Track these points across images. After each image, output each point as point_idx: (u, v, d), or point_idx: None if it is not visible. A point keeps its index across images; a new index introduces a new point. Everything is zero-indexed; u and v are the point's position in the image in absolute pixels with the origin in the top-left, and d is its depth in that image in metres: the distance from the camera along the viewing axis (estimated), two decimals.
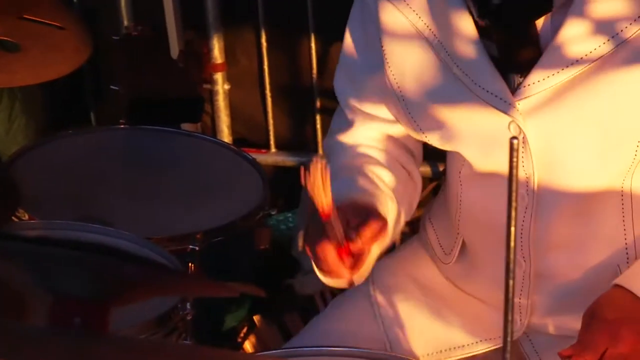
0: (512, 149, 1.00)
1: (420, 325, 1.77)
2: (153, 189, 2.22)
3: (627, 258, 1.59)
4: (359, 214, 1.57)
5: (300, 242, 2.70)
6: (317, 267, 1.61)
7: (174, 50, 3.02)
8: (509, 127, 1.56)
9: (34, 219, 2.07)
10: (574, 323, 1.62)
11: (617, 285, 1.55)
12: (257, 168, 2.30)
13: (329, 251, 1.53)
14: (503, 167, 1.15)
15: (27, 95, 2.89)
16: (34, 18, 2.10)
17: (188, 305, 1.94)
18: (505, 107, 1.56)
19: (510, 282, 1.04)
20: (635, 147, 1.55)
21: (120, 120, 2.58)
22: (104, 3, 3.08)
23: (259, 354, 2.11)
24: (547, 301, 1.69)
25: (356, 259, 1.56)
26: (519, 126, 1.56)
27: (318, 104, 2.78)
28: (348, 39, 1.76)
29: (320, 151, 2.67)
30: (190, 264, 2.07)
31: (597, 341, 1.53)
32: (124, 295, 1.37)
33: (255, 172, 2.28)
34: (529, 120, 1.55)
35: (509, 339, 1.07)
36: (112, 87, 2.72)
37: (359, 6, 1.73)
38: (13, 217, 2.05)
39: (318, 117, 2.75)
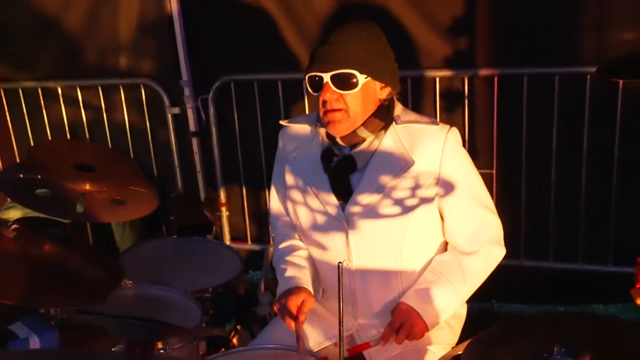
0: (339, 269, 1.25)
1: (313, 329, 2.25)
2: (189, 266, 2.76)
3: (401, 293, 2.17)
4: (299, 293, 2.08)
5: (262, 288, 3.14)
6: (282, 319, 2.10)
7: (202, 198, 3.68)
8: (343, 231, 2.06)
9: (131, 282, 2.54)
10: (381, 325, 2.14)
11: (401, 302, 2.10)
12: (238, 255, 2.86)
13: (289, 321, 2.07)
14: (335, 254, 1.78)
15: (131, 221, 3.59)
16: (132, 187, 2.47)
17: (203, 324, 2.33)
18: (338, 214, 2.02)
19: (341, 316, 1.39)
20: (399, 242, 2.07)
21: (174, 234, 3.41)
22: (170, 176, 3.69)
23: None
24: (366, 314, 2.20)
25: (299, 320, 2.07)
26: (346, 228, 2.01)
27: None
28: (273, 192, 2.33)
29: (271, 241, 2.76)
30: (206, 304, 2.58)
31: (397, 319, 2.05)
32: (159, 338, 1.95)
33: (237, 257, 2.86)
34: (352, 229, 2.04)
35: (342, 335, 1.66)
36: (171, 218, 3.47)
37: (278, 166, 2.30)
38: (122, 283, 2.44)
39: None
